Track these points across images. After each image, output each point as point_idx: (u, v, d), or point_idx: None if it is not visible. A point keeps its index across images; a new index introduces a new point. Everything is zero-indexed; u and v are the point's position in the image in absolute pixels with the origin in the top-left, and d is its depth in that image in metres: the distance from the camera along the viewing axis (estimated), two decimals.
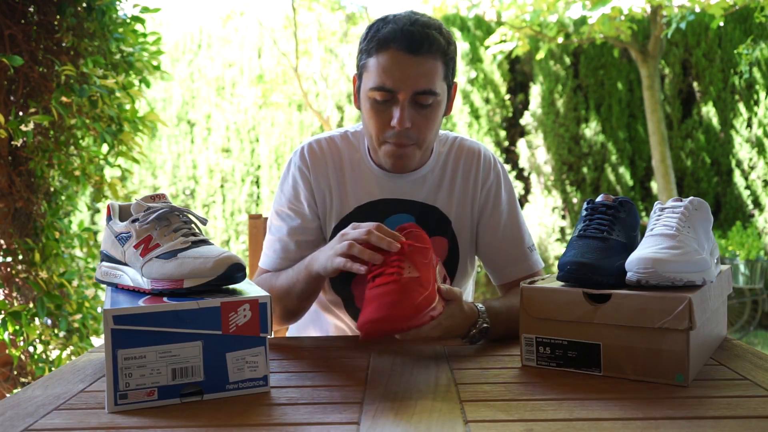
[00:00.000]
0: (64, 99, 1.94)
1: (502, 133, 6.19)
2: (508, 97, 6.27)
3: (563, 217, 6.05)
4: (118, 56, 2.25)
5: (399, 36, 1.13)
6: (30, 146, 2.02)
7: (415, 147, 1.21)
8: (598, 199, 1.07)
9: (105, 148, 2.26)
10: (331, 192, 1.30)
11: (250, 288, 0.92)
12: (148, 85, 2.37)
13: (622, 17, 5.28)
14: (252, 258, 1.62)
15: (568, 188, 6.04)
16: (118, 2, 2.16)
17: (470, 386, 0.89)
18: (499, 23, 5.96)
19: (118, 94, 2.17)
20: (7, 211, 2.02)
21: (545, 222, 5.89)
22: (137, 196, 1.54)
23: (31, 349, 2.09)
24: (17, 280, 2.05)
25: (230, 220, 6.46)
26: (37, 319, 2.03)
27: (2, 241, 2.04)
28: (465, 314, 1.05)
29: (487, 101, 6.17)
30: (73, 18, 2.01)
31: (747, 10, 5.75)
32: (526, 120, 6.15)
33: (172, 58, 6.74)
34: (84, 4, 2.08)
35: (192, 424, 0.76)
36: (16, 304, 2.04)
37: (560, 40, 5.59)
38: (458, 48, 1.24)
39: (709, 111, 5.95)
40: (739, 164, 5.91)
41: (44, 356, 2.09)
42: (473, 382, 0.91)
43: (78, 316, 2.10)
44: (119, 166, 2.35)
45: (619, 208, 1.04)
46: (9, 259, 2.06)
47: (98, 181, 2.23)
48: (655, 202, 1.04)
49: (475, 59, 6.20)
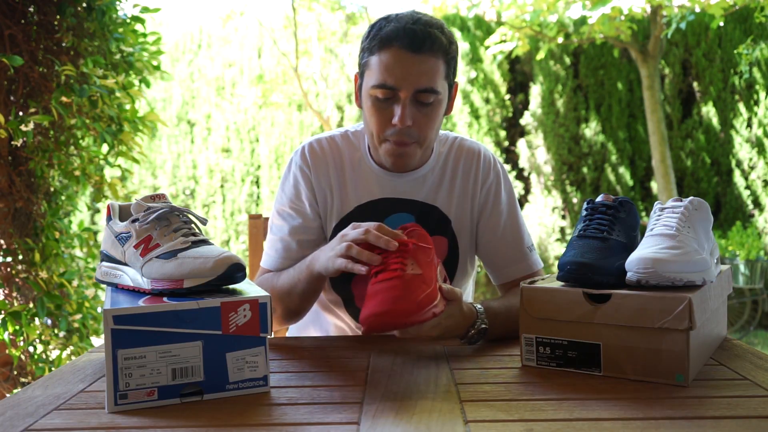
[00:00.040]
0: (64, 99, 1.94)
1: (502, 133, 6.19)
2: (508, 97, 6.26)
3: (563, 217, 6.05)
4: (118, 56, 2.25)
5: (401, 34, 1.13)
6: (30, 146, 2.02)
7: (416, 145, 1.21)
8: (598, 199, 1.07)
9: (105, 148, 2.26)
10: (331, 191, 1.30)
11: (250, 288, 0.92)
12: (148, 85, 2.37)
13: (622, 17, 5.28)
14: (252, 258, 1.62)
15: (568, 188, 6.04)
16: (118, 2, 2.16)
17: (470, 386, 0.89)
18: (499, 23, 5.96)
19: (118, 94, 2.17)
20: (7, 211, 2.02)
21: (545, 222, 5.89)
22: (137, 196, 1.54)
23: (31, 349, 2.09)
24: (17, 280, 2.05)
25: (230, 220, 6.46)
26: (37, 319, 2.03)
27: (2, 241, 2.04)
28: (464, 315, 1.05)
29: (487, 101, 6.17)
30: (73, 18, 2.01)
31: (747, 10, 5.74)
32: (526, 120, 6.15)
33: (172, 58, 6.74)
34: (84, 4, 2.08)
35: (192, 424, 0.76)
36: (16, 304, 2.04)
37: (560, 40, 5.59)
38: (458, 48, 1.24)
39: (709, 111, 5.95)
40: (739, 164, 5.91)
41: (44, 356, 2.09)
42: (473, 382, 0.91)
43: (78, 316, 2.10)
44: (119, 166, 2.35)
45: (619, 208, 1.04)
46: (9, 259, 2.06)
47: (98, 181, 2.23)
48: (655, 202, 1.04)
49: (475, 59, 6.20)
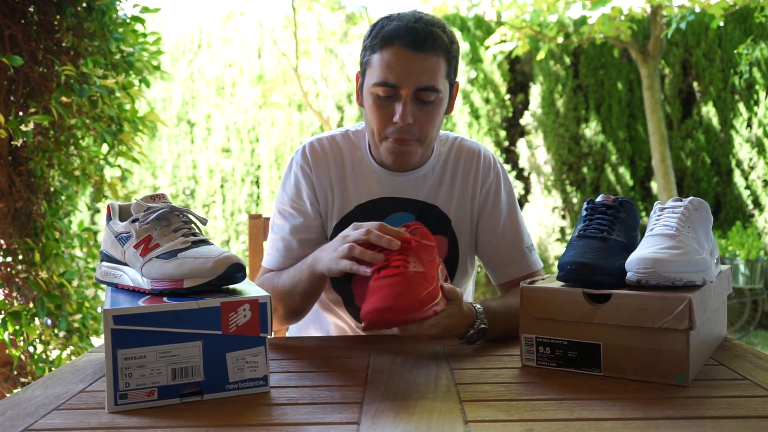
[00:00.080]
0: (64, 99, 1.94)
1: (502, 133, 6.18)
2: (508, 97, 6.26)
3: (563, 217, 6.05)
4: (118, 56, 2.25)
5: (403, 33, 1.14)
6: (30, 146, 2.02)
7: (417, 144, 1.21)
8: (598, 199, 1.07)
9: (105, 148, 2.26)
10: (332, 190, 1.30)
11: (250, 288, 0.92)
12: (148, 85, 2.37)
13: (622, 17, 5.28)
14: (252, 258, 1.62)
15: (568, 188, 6.04)
16: (118, 2, 2.16)
17: (470, 386, 0.89)
18: (499, 23, 5.96)
19: (118, 94, 2.17)
20: (7, 211, 2.02)
21: (545, 222, 5.89)
22: (137, 196, 1.54)
23: (31, 349, 2.09)
24: (17, 280, 2.05)
25: (230, 220, 6.46)
26: (37, 319, 2.03)
27: (2, 241, 2.04)
28: (464, 314, 1.05)
29: (487, 101, 6.17)
30: (73, 18, 2.01)
31: (747, 10, 5.74)
32: (526, 120, 6.15)
33: (172, 58, 6.74)
34: (84, 4, 2.08)
35: (192, 424, 0.76)
36: (16, 304, 2.04)
37: (560, 40, 5.59)
38: (459, 48, 1.25)
39: (709, 111, 5.95)
40: (739, 164, 5.91)
41: (44, 356, 2.09)
42: (473, 382, 0.91)
43: (78, 316, 2.10)
44: (119, 166, 2.35)
45: (619, 208, 1.04)
46: (9, 259, 2.06)
47: (98, 181, 2.23)
48: (655, 202, 1.04)
49: (475, 59, 6.20)
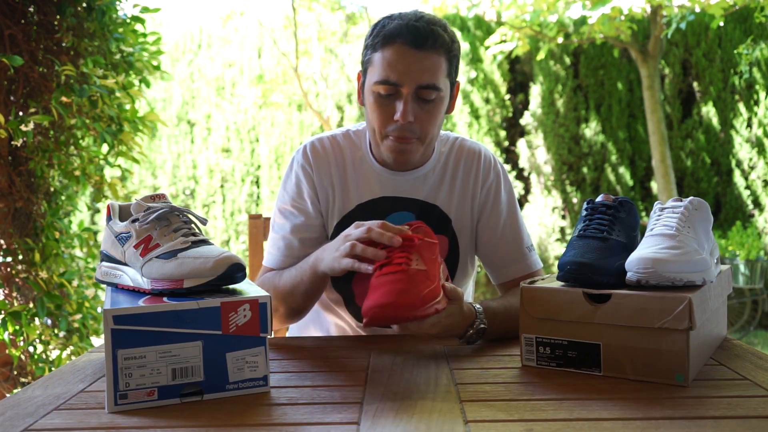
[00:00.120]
0: (64, 99, 1.94)
1: (502, 133, 6.18)
2: (508, 97, 6.26)
3: (563, 217, 6.05)
4: (118, 56, 2.25)
5: (404, 31, 1.14)
6: (30, 146, 2.02)
7: (418, 142, 1.21)
8: (598, 199, 1.07)
9: (105, 148, 2.26)
10: (333, 189, 1.30)
11: (250, 288, 0.92)
12: (148, 85, 2.37)
13: (622, 17, 5.28)
14: (252, 258, 1.62)
15: (568, 188, 6.04)
16: (118, 2, 2.16)
17: (470, 386, 0.89)
18: (499, 23, 5.96)
19: (118, 94, 2.17)
20: (7, 211, 2.02)
21: (545, 222, 5.89)
22: (137, 196, 1.54)
23: (31, 349, 2.09)
24: (17, 280, 2.05)
25: (230, 220, 6.46)
26: (37, 319, 2.03)
27: (2, 241, 2.04)
28: (464, 314, 1.05)
29: (487, 101, 6.17)
30: (73, 18, 2.01)
31: (747, 10, 5.74)
32: (526, 120, 6.15)
33: (172, 58, 6.74)
34: (84, 4, 2.08)
35: (192, 424, 0.76)
36: (16, 304, 2.04)
37: (560, 40, 5.59)
38: (461, 47, 1.25)
39: (709, 111, 5.95)
40: (739, 164, 5.91)
41: (44, 356, 2.09)
42: (473, 382, 0.91)
43: (78, 316, 2.10)
44: (119, 166, 2.35)
45: (619, 208, 1.04)
46: (9, 259, 2.06)
47: (98, 181, 2.23)
48: (655, 202, 1.04)
49: (475, 59, 6.20)
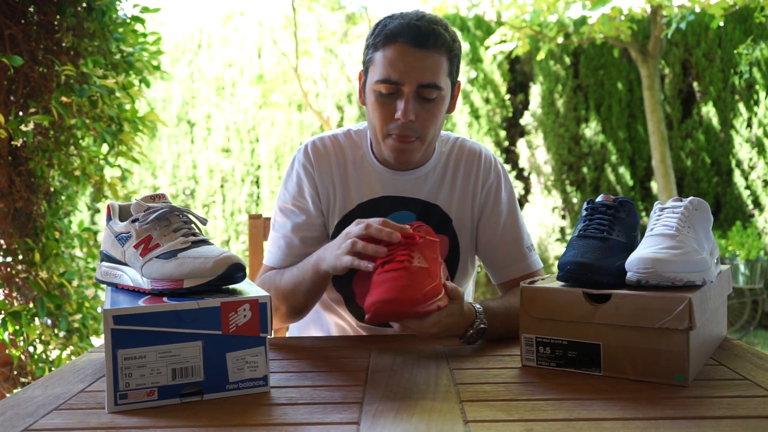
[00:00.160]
0: (64, 99, 1.94)
1: (502, 133, 6.18)
2: (508, 97, 6.26)
3: (563, 217, 6.05)
4: (118, 56, 2.25)
5: (406, 30, 1.15)
6: (30, 146, 2.02)
7: (419, 141, 1.21)
8: (598, 199, 1.07)
9: (105, 148, 2.26)
10: (334, 189, 1.31)
11: (250, 288, 0.92)
12: (148, 85, 2.37)
13: (622, 17, 5.27)
14: (252, 258, 1.62)
15: (568, 188, 6.04)
16: (118, 2, 2.16)
17: (470, 386, 0.89)
18: (499, 23, 5.96)
19: (118, 94, 2.17)
20: (7, 211, 2.02)
21: (545, 222, 5.89)
22: (137, 196, 1.54)
23: (31, 349, 2.09)
24: (17, 280, 2.05)
25: (230, 220, 6.46)
26: (37, 319, 2.03)
27: (2, 241, 2.04)
28: (464, 314, 1.05)
29: (487, 101, 6.17)
30: (73, 18, 2.01)
31: (747, 10, 5.74)
32: (526, 120, 6.15)
33: (172, 58, 6.74)
34: (84, 4, 2.08)
35: (192, 424, 0.76)
36: (16, 304, 2.04)
37: (560, 40, 5.59)
38: (461, 47, 1.25)
39: (709, 111, 5.95)
40: (739, 164, 5.91)
41: (44, 356, 2.09)
42: (473, 382, 0.91)
43: (78, 316, 2.10)
44: (119, 166, 2.35)
45: (619, 208, 1.04)
46: (9, 259, 2.05)
47: (98, 181, 2.23)
48: (655, 202, 1.04)
49: (475, 59, 6.20)
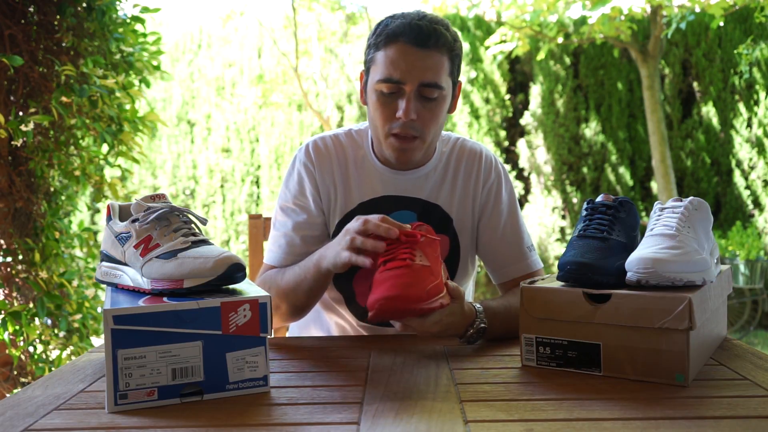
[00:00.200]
0: (64, 99, 1.94)
1: (502, 133, 6.18)
2: (508, 97, 6.26)
3: (563, 217, 6.05)
4: (118, 56, 2.25)
5: (407, 30, 1.15)
6: (30, 146, 2.02)
7: (420, 140, 1.22)
8: (598, 199, 1.07)
9: (105, 148, 2.26)
10: (335, 188, 1.31)
11: (250, 288, 0.92)
12: (148, 85, 2.37)
13: (622, 17, 5.27)
14: (252, 258, 1.62)
15: (568, 188, 6.04)
16: (118, 2, 2.16)
17: (470, 386, 0.89)
18: (499, 23, 5.96)
19: (118, 94, 2.17)
20: (7, 211, 2.02)
21: (545, 222, 5.89)
22: (137, 196, 1.54)
23: (31, 349, 2.09)
24: (17, 280, 2.05)
25: (230, 220, 6.46)
26: (37, 319, 2.03)
27: (2, 241, 2.04)
28: (464, 313, 1.05)
29: (487, 101, 6.17)
30: (73, 18, 2.01)
31: (747, 10, 5.74)
32: (526, 120, 6.15)
33: (172, 58, 6.74)
34: (84, 4, 2.08)
35: (192, 424, 0.76)
36: (16, 304, 2.04)
37: (560, 40, 5.59)
38: (462, 47, 1.26)
39: (709, 111, 5.95)
40: (739, 164, 5.91)
41: (44, 356, 2.09)
42: (473, 382, 0.91)
43: (78, 316, 2.10)
44: (119, 166, 2.35)
45: (619, 208, 1.04)
46: (9, 259, 2.05)
47: (98, 181, 2.23)
48: (655, 202, 1.04)
49: (475, 59, 6.20)
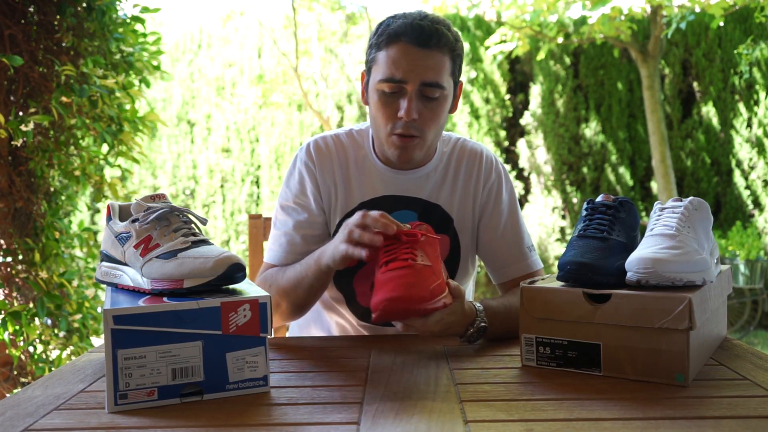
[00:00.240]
0: (64, 99, 1.94)
1: (502, 133, 6.18)
2: (508, 97, 6.26)
3: (563, 217, 6.05)
4: (118, 56, 2.25)
5: (409, 30, 1.15)
6: (30, 146, 2.02)
7: (421, 140, 1.22)
8: (598, 199, 1.07)
9: (105, 148, 2.26)
10: (336, 188, 1.31)
11: (250, 288, 0.92)
12: (148, 85, 2.37)
13: (622, 17, 5.27)
14: (252, 258, 1.62)
15: (568, 188, 6.04)
16: (118, 2, 2.16)
17: (470, 386, 0.89)
18: (499, 23, 5.96)
19: (118, 94, 2.17)
20: (7, 211, 2.02)
21: (545, 222, 5.89)
22: (137, 196, 1.54)
23: (31, 349, 2.09)
24: (17, 280, 2.05)
25: (230, 220, 6.46)
26: (37, 319, 2.03)
27: (2, 241, 2.04)
28: (465, 313, 1.06)
29: (487, 101, 6.17)
30: (73, 18, 2.01)
31: (747, 10, 5.74)
32: (526, 120, 6.15)
33: (172, 58, 6.74)
34: (84, 4, 2.08)
35: (192, 424, 0.76)
36: (16, 304, 2.04)
37: (560, 40, 5.59)
38: (464, 47, 1.26)
39: (709, 111, 5.95)
40: (739, 164, 5.91)
41: (44, 356, 2.09)
42: (473, 382, 0.91)
43: (78, 316, 2.10)
44: (119, 166, 2.35)
45: (619, 208, 1.04)
46: (9, 259, 2.05)
47: (98, 181, 2.23)
48: (655, 202, 1.04)
49: (475, 59, 6.20)
